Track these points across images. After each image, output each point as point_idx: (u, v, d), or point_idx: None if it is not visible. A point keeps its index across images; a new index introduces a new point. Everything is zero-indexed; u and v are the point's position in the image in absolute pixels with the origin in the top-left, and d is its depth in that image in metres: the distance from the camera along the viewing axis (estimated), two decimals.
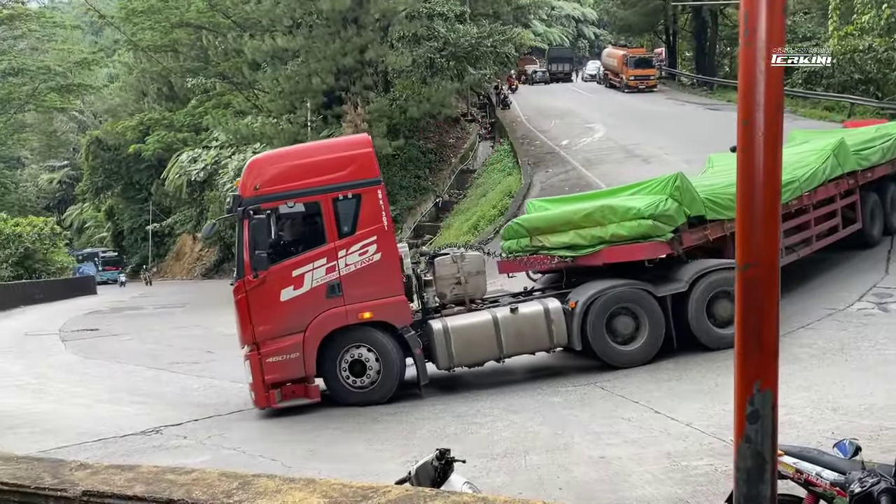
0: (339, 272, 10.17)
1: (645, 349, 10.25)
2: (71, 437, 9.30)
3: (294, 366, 10.07)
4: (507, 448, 7.21)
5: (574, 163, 27.50)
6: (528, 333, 10.37)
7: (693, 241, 10.68)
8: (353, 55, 27.26)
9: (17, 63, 44.40)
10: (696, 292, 10.24)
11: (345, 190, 10.28)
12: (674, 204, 10.34)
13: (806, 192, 11.97)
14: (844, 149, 12.86)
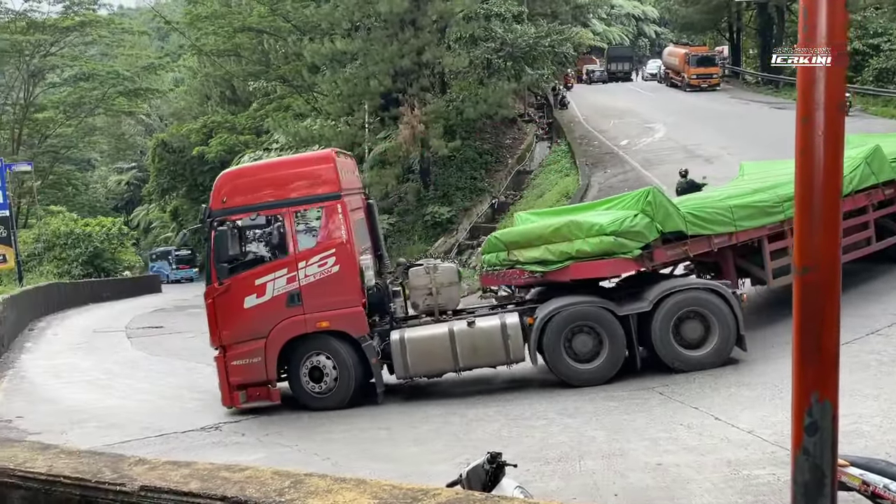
0: (300, 282, 10.60)
1: (603, 369, 10.07)
2: (134, 432, 9.57)
3: (256, 369, 10.56)
4: (562, 452, 7.13)
5: (633, 163, 27.12)
6: (483, 347, 10.41)
7: (669, 258, 10.53)
8: (410, 57, 27.39)
9: (87, 68, 45.94)
10: (661, 312, 10.00)
11: (306, 204, 10.82)
12: (644, 220, 10.06)
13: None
14: (880, 157, 12.23)
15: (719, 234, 10.71)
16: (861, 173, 11.92)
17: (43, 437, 9.26)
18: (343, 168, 11.19)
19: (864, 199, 12.13)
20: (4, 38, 42.00)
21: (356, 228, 11.04)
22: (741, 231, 10.85)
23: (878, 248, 12.49)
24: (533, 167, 33.74)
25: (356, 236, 10.90)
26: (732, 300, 9.94)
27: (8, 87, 46.90)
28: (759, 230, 11.07)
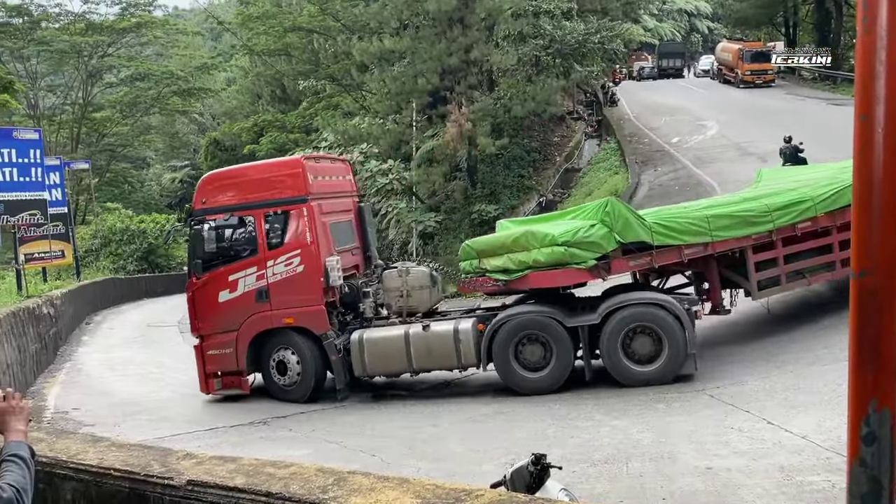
0: (268, 280, 11.34)
1: (550, 378, 10.10)
2: (184, 426, 9.76)
3: (229, 359, 11.46)
4: (609, 454, 7.04)
5: (684, 161, 26.68)
6: (436, 350, 10.66)
7: (631, 268, 10.51)
8: (458, 55, 27.38)
9: (143, 68, 47.02)
10: (609, 326, 9.94)
11: (275, 207, 11.44)
12: (601, 230, 10.02)
13: (823, 213, 11.28)
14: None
15: (692, 245, 10.57)
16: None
17: (96, 429, 9.51)
18: (319, 173, 11.93)
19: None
20: (64, 39, 43.21)
21: (334, 230, 11.73)
22: (718, 241, 10.69)
23: None
24: (581, 165, 33.47)
25: (330, 238, 11.51)
26: (683, 317, 9.76)
27: (67, 87, 48.26)
28: (740, 240, 10.88)
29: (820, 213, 11.28)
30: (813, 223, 11.33)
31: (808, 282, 11.64)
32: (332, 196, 12.04)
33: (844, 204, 11.25)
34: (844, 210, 11.28)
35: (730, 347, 11.07)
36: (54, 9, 43.75)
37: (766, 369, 9.54)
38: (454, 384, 11.28)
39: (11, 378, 12.08)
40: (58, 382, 14.52)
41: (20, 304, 15.62)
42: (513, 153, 31.87)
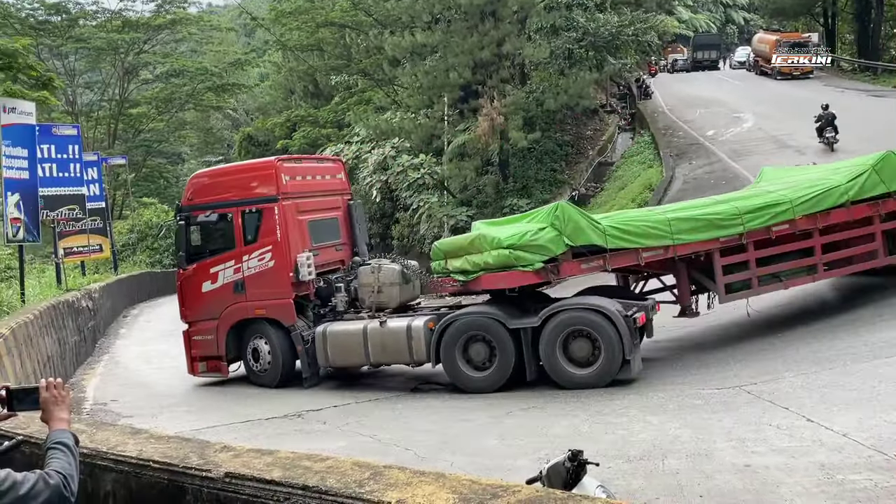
0: (243, 273, 12.24)
1: (492, 378, 10.35)
2: (222, 418, 9.86)
3: (210, 345, 12.47)
4: (645, 451, 6.96)
5: (720, 154, 26.32)
6: (391, 346, 11.09)
7: (583, 271, 10.59)
8: (490, 49, 27.27)
9: (178, 65, 47.61)
10: (548, 329, 10.05)
11: (250, 205, 12.21)
12: (550, 233, 10.14)
13: (802, 215, 11.13)
14: (891, 164, 11.50)
15: (650, 248, 10.61)
16: (863, 183, 11.39)
17: (134, 420, 9.65)
18: (298, 174, 12.69)
19: (868, 210, 11.49)
20: (101, 36, 43.91)
21: (315, 227, 12.54)
22: (681, 244, 10.68)
23: (887, 263, 11.75)
24: (615, 159, 33.19)
25: (306, 235, 12.31)
26: (618, 323, 9.73)
27: (104, 83, 49.04)
28: (705, 244, 10.85)
29: (798, 215, 11.13)
30: (791, 226, 11.19)
31: (785, 286, 11.50)
32: (313, 195, 12.72)
33: (828, 206, 11.23)
34: (829, 212, 11.25)
35: (767, 343, 10.90)
36: (91, 6, 44.57)
37: (805, 366, 9.37)
38: None
39: (52, 370, 12.32)
40: (96, 374, 14.77)
41: (60, 297, 15.91)
42: (545, 147, 31.69)
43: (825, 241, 11.41)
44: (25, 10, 41.79)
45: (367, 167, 34.46)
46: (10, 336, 9.95)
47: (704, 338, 12.05)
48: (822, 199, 11.24)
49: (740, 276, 11.17)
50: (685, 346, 11.69)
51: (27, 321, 11.40)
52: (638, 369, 9.96)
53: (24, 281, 15.39)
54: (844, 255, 11.71)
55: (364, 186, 34.65)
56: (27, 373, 10.44)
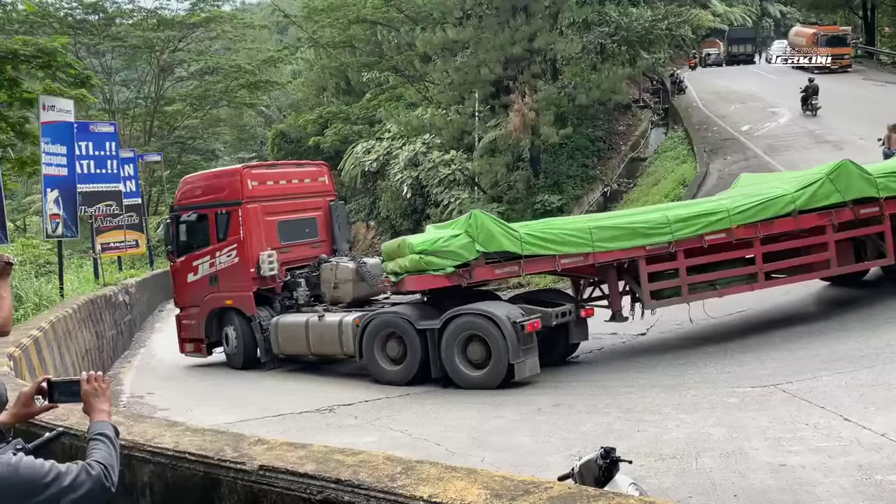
0: (216, 267, 13.83)
1: (402, 372, 11.19)
2: (254, 412, 9.97)
3: (194, 329, 14.24)
4: (677, 449, 6.89)
5: (756, 149, 25.93)
6: (326, 339, 12.20)
7: (497, 276, 11.33)
8: (521, 44, 27.15)
9: (212, 62, 48.10)
10: (447, 331, 10.71)
11: (221, 207, 13.73)
12: (463, 240, 10.78)
13: (739, 224, 11.24)
14: (846, 173, 11.45)
15: (568, 255, 11.03)
16: (815, 192, 11.41)
17: (170, 413, 9.80)
18: (268, 179, 14.02)
19: (819, 219, 11.49)
20: (137, 35, 44.51)
21: (286, 227, 13.83)
22: (601, 252, 11.07)
23: (840, 272, 11.87)
24: (648, 154, 32.88)
25: (274, 234, 13.62)
26: (505, 329, 10.23)
27: (140, 81, 49.75)
28: (628, 251, 11.17)
29: (736, 224, 11.23)
30: (728, 234, 11.30)
31: (720, 294, 11.67)
32: (285, 198, 14.00)
33: (771, 215, 11.33)
34: (772, 222, 11.34)
35: (804, 342, 10.75)
36: (128, 5, 45.16)
37: (842, 364, 9.22)
38: None
39: (90, 363, 12.56)
40: (133, 367, 15.04)
41: (97, 292, 16.22)
42: (577, 143, 31.50)
43: (768, 250, 11.53)
44: (64, 9, 42.50)
45: (398, 163, 34.60)
46: (49, 329, 10.16)
47: (740, 336, 11.90)
48: (763, 209, 11.35)
49: (669, 283, 11.50)
50: (720, 344, 11.56)
51: (66, 315, 11.63)
52: (530, 372, 10.39)
53: (62, 276, 15.70)
54: (791, 264, 11.83)
55: (395, 182, 34.77)
56: (66, 365, 10.65)
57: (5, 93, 16.92)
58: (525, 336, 10.31)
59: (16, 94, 17.49)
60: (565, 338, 11.59)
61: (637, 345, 12.57)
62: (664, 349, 11.89)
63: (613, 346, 12.65)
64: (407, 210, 36.88)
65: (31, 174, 19.39)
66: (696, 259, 11.40)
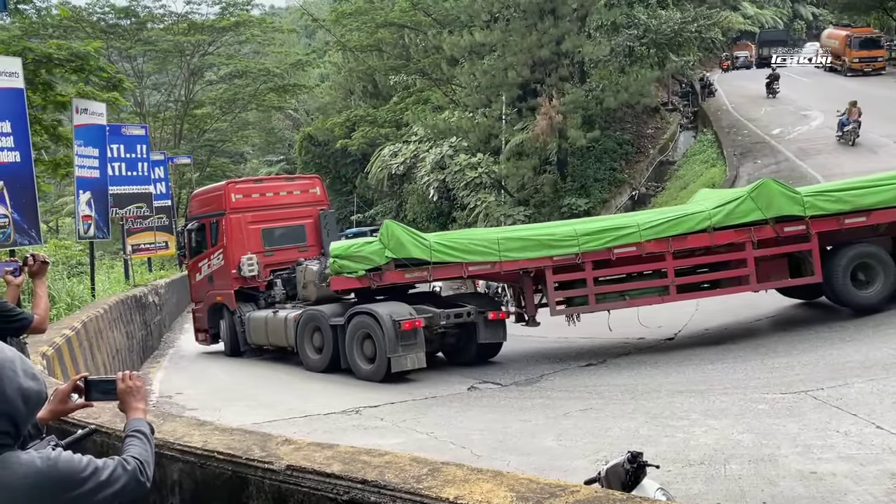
0: (211, 269, 15.93)
1: (320, 362, 12.90)
2: (281, 412, 10.03)
3: (202, 321, 16.48)
4: (706, 455, 6.83)
5: (786, 153, 25.64)
6: (278, 332, 13.94)
7: (407, 280, 12.27)
8: (549, 47, 27.12)
9: (241, 66, 48.56)
10: (348, 328, 12.13)
11: (213, 217, 15.83)
12: (374, 247, 12.09)
13: (650, 239, 11.77)
14: (768, 191, 11.80)
15: (476, 263, 11.96)
16: (735, 208, 11.76)
17: (198, 413, 9.89)
18: (253, 192, 15.83)
19: (734, 236, 11.83)
20: (168, 39, 45.10)
21: (271, 234, 15.48)
22: (507, 261, 11.87)
23: (762, 288, 12.21)
24: (676, 157, 32.66)
25: (258, 240, 15.34)
26: (385, 326, 11.46)
27: (171, 85, 50.36)
28: (535, 261, 11.93)
29: (646, 239, 11.74)
30: (638, 248, 11.82)
31: (628, 304, 12.28)
32: (270, 208, 15.64)
33: (683, 231, 11.81)
34: (685, 237, 11.82)
35: (835, 348, 10.59)
36: (159, 10, 45.73)
37: (875, 371, 9.07)
38: (544, 379, 11.21)
39: (120, 362, 12.73)
40: (162, 367, 15.21)
41: (128, 292, 16.43)
42: (604, 146, 31.37)
43: (681, 264, 12.11)
44: (96, 14, 43.17)
45: (425, 166, 34.68)
46: (81, 329, 10.32)
47: (769, 341, 11.76)
48: (676, 224, 11.85)
49: (577, 291, 12.24)
50: (749, 349, 11.44)
51: (97, 315, 11.81)
52: (412, 366, 11.57)
53: (94, 276, 15.93)
54: (708, 278, 12.37)
55: (421, 185, 34.85)
56: (97, 364, 10.81)
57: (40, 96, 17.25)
58: (405, 333, 11.45)
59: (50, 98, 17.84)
60: (476, 338, 12.46)
61: (665, 349, 12.47)
62: (692, 354, 11.78)
63: (641, 350, 12.57)
64: (433, 213, 36.96)
65: (64, 176, 19.74)
66: (604, 271, 12.10)
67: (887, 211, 11.71)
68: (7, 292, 4.96)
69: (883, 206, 11.69)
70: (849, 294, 11.88)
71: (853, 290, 11.85)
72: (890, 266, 11.78)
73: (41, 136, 17.61)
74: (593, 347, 13.01)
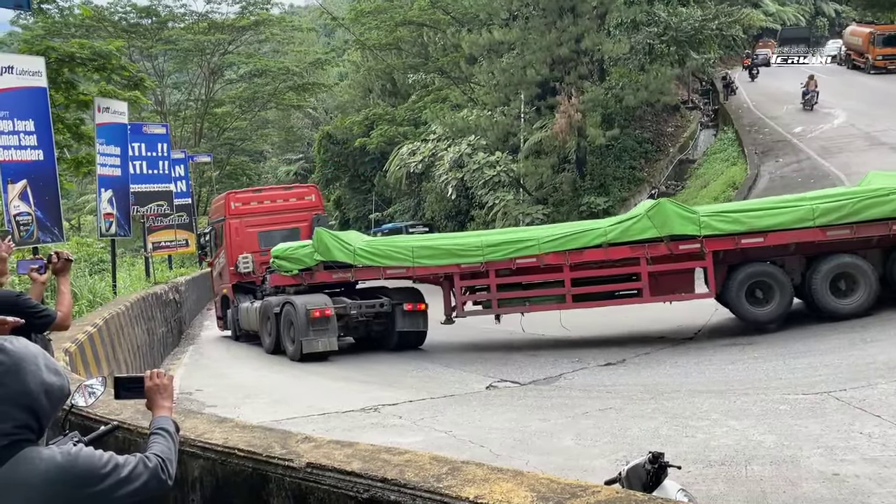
0: (220, 266, 18.69)
1: (269, 344, 15.20)
2: (300, 410, 10.06)
3: (219, 309, 19.30)
4: (726, 455, 6.77)
5: (808, 151, 25.39)
6: (251, 319, 16.27)
7: (334, 280, 14.24)
8: (568, 45, 27.00)
9: (260, 65, 48.81)
10: (282, 316, 14.40)
11: (220, 222, 18.47)
12: (306, 250, 14.25)
13: (549, 251, 12.83)
14: (663, 211, 12.55)
15: (392, 267, 13.72)
16: (632, 225, 12.64)
17: (218, 409, 9.95)
18: (251, 200, 18.26)
19: (627, 251, 12.67)
20: (189, 38, 45.42)
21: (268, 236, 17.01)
22: (419, 267, 13.48)
23: (658, 301, 13.09)
24: (696, 156, 32.45)
25: (255, 241, 17.32)
26: (299, 313, 13.58)
27: (191, 83, 50.74)
28: (444, 268, 13.44)
29: (545, 251, 12.85)
30: (538, 260, 12.96)
31: (528, 309, 13.54)
32: (267, 214, 17.77)
33: (580, 245, 12.83)
34: (582, 251, 12.83)
35: (858, 349, 10.48)
36: (180, 9, 46.05)
37: None
38: (563, 378, 11.17)
39: (141, 359, 12.84)
40: (182, 364, 15.32)
41: (148, 289, 16.57)
42: (624, 144, 31.21)
43: (575, 276, 13.05)
44: (118, 13, 43.55)
45: (443, 165, 34.65)
46: (103, 326, 10.41)
47: (791, 341, 11.65)
48: (573, 239, 12.91)
49: (483, 296, 13.75)
50: (770, 349, 11.34)
51: (119, 312, 11.91)
52: (323, 349, 13.54)
53: (115, 274, 16.09)
54: (600, 289, 13.34)
55: (440, 184, 34.84)
56: (118, 361, 10.91)
57: (62, 95, 17.44)
58: (315, 320, 13.48)
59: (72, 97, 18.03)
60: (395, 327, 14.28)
61: (685, 349, 12.39)
62: (712, 354, 11.71)
63: (661, 349, 12.50)
64: (451, 212, 36.93)
65: (86, 174, 19.96)
66: (507, 279, 13.33)
67: (783, 233, 12.18)
68: (32, 289, 5.01)
69: (779, 228, 12.16)
70: (741, 308, 12.54)
71: (748, 306, 12.49)
72: (786, 286, 12.32)
73: (63, 134, 17.79)
74: (612, 347, 12.95)
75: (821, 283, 12.13)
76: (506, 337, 14.44)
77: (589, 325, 14.26)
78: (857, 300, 12.09)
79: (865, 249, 12.37)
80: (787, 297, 12.37)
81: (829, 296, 12.15)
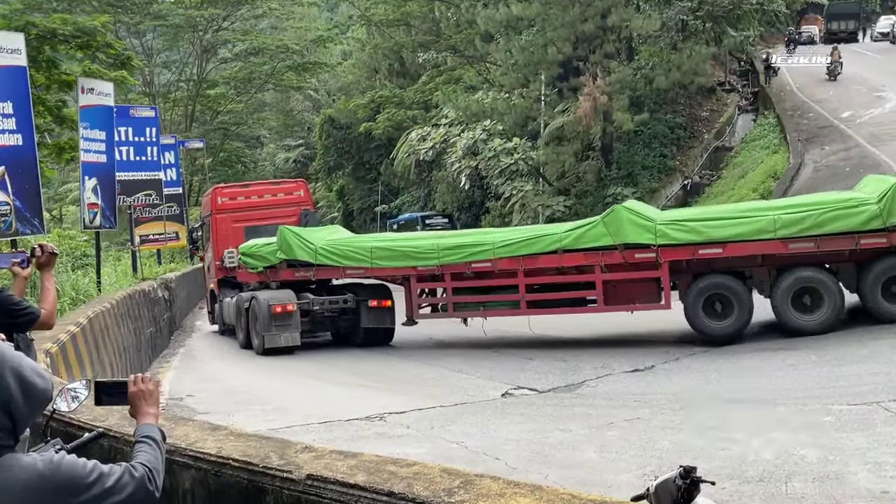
0: (208, 260, 20.05)
1: (242, 338, 16.37)
2: (299, 417, 10.10)
3: (209, 303, 20.72)
4: (765, 471, 6.75)
5: (857, 138, 25.21)
6: (231, 313, 17.36)
7: (296, 277, 15.63)
8: (593, 21, 26.92)
9: (257, 42, 48.83)
10: (250, 310, 15.55)
11: (207, 217, 19.83)
12: (270, 248, 15.69)
13: (503, 256, 13.54)
14: (619, 219, 12.90)
15: (351, 267, 14.93)
16: (586, 232, 13.13)
17: (211, 416, 9.99)
18: (238, 195, 19.46)
19: (581, 259, 13.24)
20: (180, 13, 45.52)
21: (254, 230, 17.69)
22: (377, 268, 14.64)
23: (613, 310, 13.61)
24: (734, 143, 32.26)
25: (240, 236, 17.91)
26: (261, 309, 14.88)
27: (182, 63, 50.88)
28: (400, 270, 14.55)
29: (499, 256, 13.57)
30: (492, 265, 13.71)
31: (483, 314, 14.42)
32: (253, 209, 18.91)
33: (534, 251, 13.43)
34: (536, 257, 13.44)
35: None
36: None
37: None
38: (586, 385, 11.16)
39: (128, 362, 12.92)
40: (172, 368, 15.41)
41: (136, 286, 16.66)
42: (654, 130, 31.08)
43: (529, 281, 13.75)
44: None
45: (456, 152, 34.62)
46: (86, 325, 10.48)
47: (835, 347, 11.59)
48: (528, 245, 13.51)
49: (438, 299, 14.97)
50: (812, 356, 11.28)
51: (104, 310, 11.99)
52: (285, 343, 14.70)
53: (100, 269, 16.17)
54: (555, 296, 13.90)
55: (452, 173, 34.83)
56: (103, 364, 10.98)
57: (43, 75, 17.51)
58: (276, 315, 14.61)
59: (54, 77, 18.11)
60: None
61: (718, 354, 12.35)
62: (748, 360, 11.67)
63: (692, 355, 12.46)
64: (465, 203, 36.92)
65: (68, 161, 20.04)
66: (462, 282, 14.23)
67: (743, 245, 12.32)
68: (13, 285, 5.03)
69: (738, 239, 12.31)
70: (697, 320, 12.77)
71: (704, 318, 12.69)
72: (745, 300, 12.50)
73: (44, 117, 17.86)
74: (640, 352, 12.93)
75: (782, 298, 12.26)
76: (523, 340, 14.45)
77: (613, 326, 14.26)
78: (821, 316, 12.16)
79: (838, 263, 12.51)
80: (746, 312, 12.55)
81: (791, 311, 12.28)
